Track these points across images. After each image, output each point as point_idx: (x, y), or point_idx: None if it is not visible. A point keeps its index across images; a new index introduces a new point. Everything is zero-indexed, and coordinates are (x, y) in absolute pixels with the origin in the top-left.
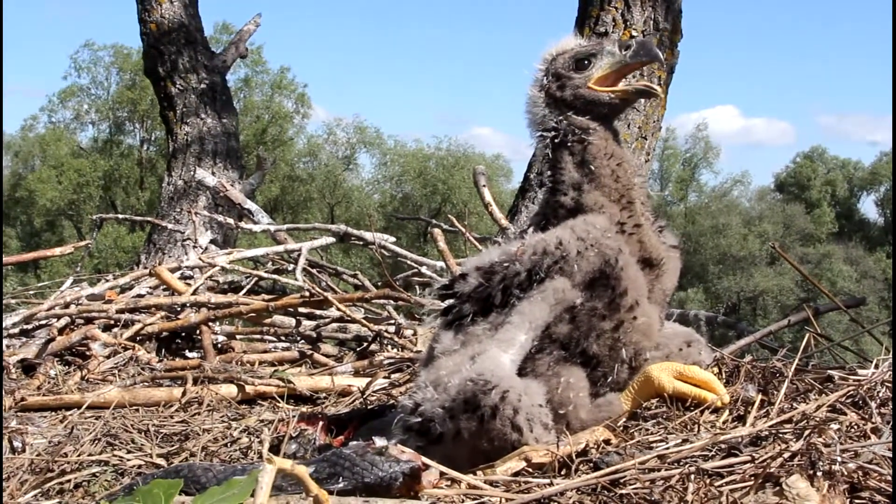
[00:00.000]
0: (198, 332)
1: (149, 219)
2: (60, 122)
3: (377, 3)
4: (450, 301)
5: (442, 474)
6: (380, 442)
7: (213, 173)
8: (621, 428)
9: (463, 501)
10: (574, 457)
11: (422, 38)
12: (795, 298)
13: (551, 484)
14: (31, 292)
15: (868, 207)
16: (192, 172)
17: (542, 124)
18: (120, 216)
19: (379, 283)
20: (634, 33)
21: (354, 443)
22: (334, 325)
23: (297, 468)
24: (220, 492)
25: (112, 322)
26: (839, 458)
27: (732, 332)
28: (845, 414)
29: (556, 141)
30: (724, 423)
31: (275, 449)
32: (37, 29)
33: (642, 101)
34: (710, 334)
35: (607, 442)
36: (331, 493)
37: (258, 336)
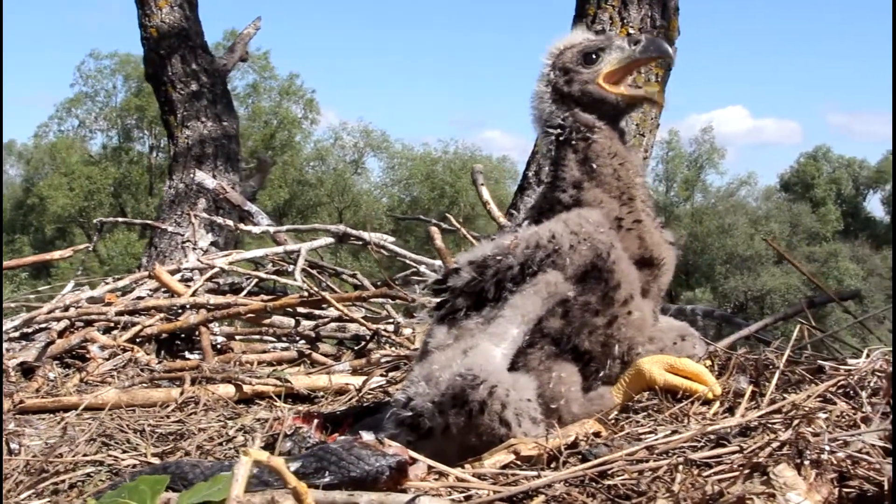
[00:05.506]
0: (197, 333)
1: (149, 222)
2: (70, 130)
3: (386, 7)
4: (443, 296)
5: (430, 468)
6: (367, 436)
7: (213, 176)
8: (612, 420)
9: (450, 494)
10: (563, 449)
11: (432, 42)
12: (803, 297)
13: (539, 476)
14: (33, 296)
15: (874, 206)
16: (192, 175)
17: (547, 121)
18: (120, 220)
19: (378, 283)
20: (631, 31)
21: (342, 438)
22: (333, 324)
23: (274, 460)
24: (205, 487)
25: (111, 324)
26: (828, 448)
27: (732, 329)
28: (835, 404)
29: (560, 139)
30: (714, 414)
31: (270, 447)
32: (51, 37)
33: None
34: (717, 331)
35: (597, 434)
36: (317, 487)
37: (257, 336)
